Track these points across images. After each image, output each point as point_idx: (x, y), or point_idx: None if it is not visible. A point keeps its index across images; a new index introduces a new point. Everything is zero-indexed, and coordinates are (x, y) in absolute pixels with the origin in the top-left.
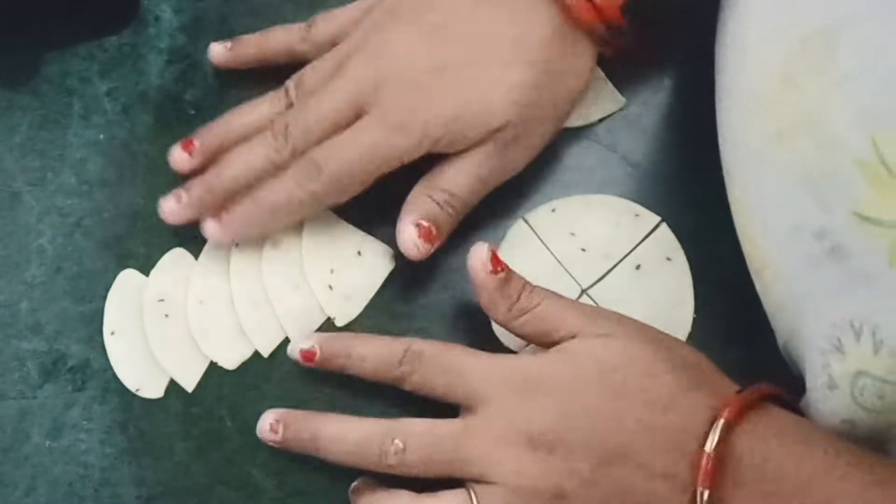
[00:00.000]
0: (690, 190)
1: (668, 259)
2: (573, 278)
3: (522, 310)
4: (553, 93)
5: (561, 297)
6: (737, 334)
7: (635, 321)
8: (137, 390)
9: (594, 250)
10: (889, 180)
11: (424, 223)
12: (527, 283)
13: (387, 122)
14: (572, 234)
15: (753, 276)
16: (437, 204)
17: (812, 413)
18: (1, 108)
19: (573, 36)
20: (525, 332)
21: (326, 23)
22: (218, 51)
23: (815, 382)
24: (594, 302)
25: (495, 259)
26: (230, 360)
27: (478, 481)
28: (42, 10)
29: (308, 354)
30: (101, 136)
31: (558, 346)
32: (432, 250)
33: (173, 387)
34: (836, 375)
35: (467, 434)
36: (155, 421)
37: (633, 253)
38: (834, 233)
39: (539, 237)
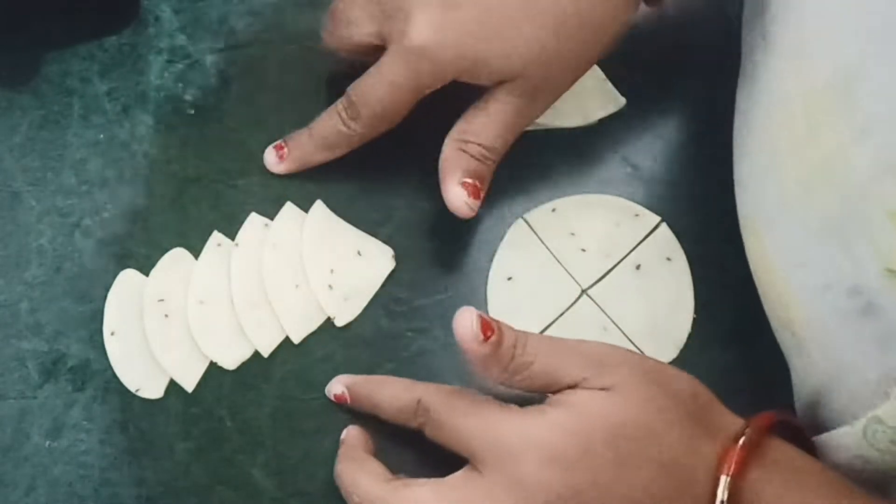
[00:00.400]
0: (690, 190)
1: (668, 259)
2: (573, 278)
3: (519, 369)
4: (578, 43)
5: (556, 341)
6: (737, 334)
7: (631, 356)
8: (137, 390)
9: (594, 250)
10: None
11: (469, 181)
12: (519, 335)
13: (409, 54)
14: (572, 234)
15: (779, 330)
16: (475, 158)
17: (826, 446)
18: (1, 108)
19: None
20: (524, 388)
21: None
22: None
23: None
24: (594, 302)
25: (484, 324)
26: (230, 360)
27: None
28: (42, 10)
29: (340, 398)
30: (101, 136)
31: (562, 400)
32: (480, 206)
33: (173, 387)
34: (857, 424)
35: (470, 498)
36: (155, 421)
37: (633, 253)
38: (868, 290)
39: (539, 237)
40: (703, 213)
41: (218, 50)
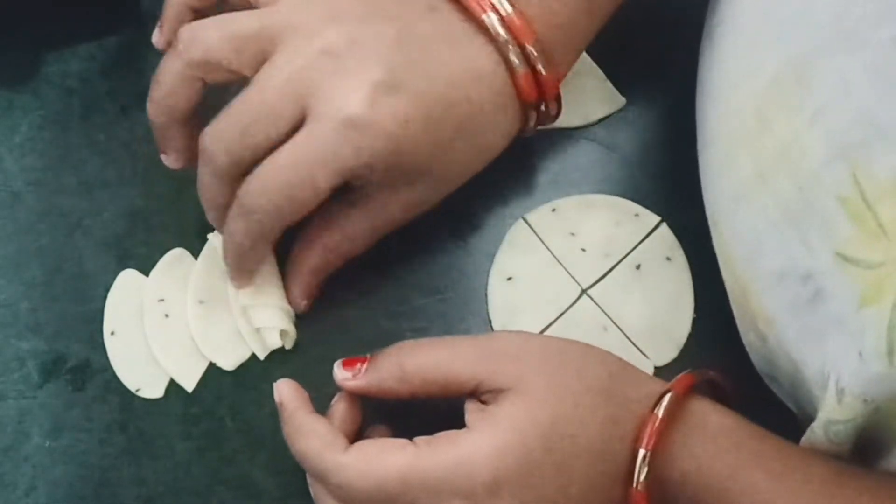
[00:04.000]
0: (690, 190)
1: (668, 259)
2: (573, 278)
3: (410, 374)
4: (467, 155)
5: (435, 340)
6: (737, 334)
7: (523, 340)
8: (137, 390)
9: (594, 250)
10: (867, 214)
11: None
12: (393, 348)
13: (336, 125)
14: (572, 233)
15: (745, 333)
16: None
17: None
18: (1, 108)
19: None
20: (427, 393)
21: None
22: None
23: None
24: (594, 302)
25: (347, 362)
26: (230, 360)
27: None
28: (42, 10)
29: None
30: (101, 136)
31: (490, 419)
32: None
33: (173, 387)
34: (815, 425)
35: None
36: (155, 421)
37: (633, 253)
38: (819, 275)
39: (539, 237)
40: (703, 213)
41: None
